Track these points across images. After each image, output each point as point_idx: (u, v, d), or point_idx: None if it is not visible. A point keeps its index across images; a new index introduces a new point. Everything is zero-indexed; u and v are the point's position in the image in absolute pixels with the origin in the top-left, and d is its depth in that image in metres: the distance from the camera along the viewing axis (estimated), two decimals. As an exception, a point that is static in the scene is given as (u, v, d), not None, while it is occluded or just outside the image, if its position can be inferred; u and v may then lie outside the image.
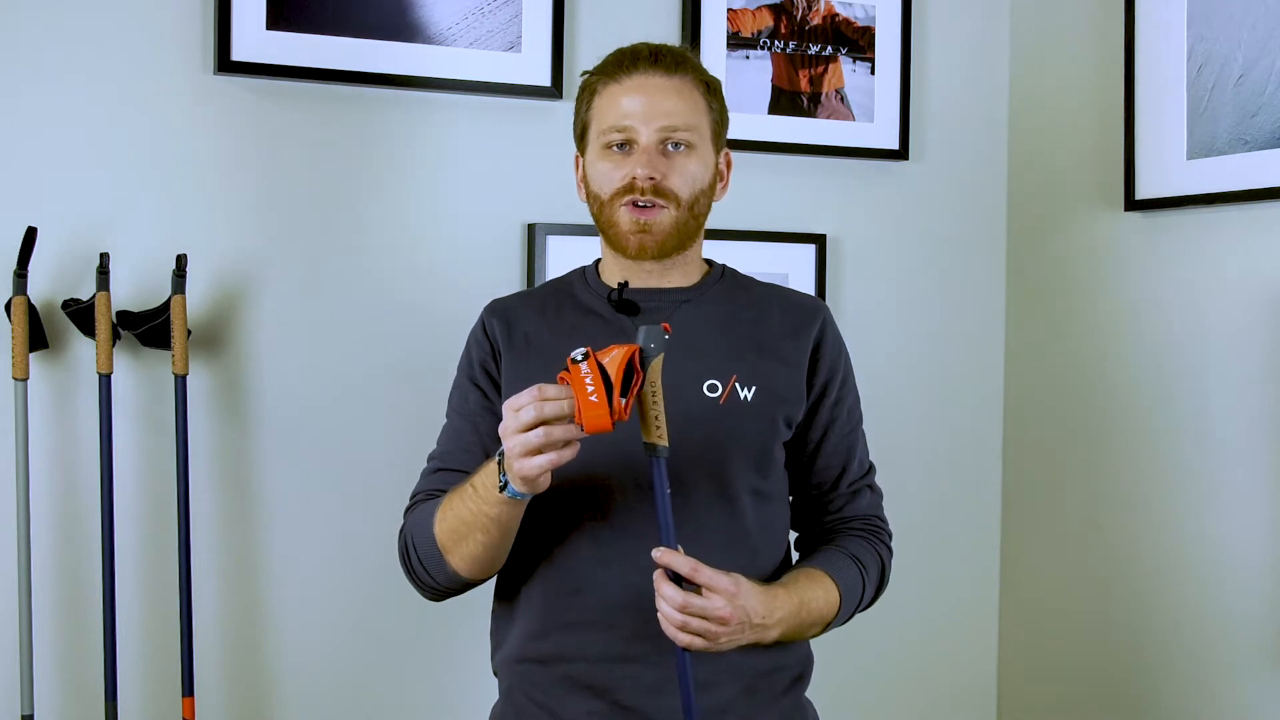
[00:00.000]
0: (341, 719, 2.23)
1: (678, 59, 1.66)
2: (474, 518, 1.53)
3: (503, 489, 1.48)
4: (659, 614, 1.47)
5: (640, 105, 1.63)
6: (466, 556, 1.57)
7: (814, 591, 1.60)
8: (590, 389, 1.40)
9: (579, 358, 1.41)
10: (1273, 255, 2.13)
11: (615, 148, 1.64)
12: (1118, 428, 2.41)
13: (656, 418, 1.45)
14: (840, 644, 2.01)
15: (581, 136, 1.71)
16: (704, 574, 1.46)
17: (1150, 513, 2.35)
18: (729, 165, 1.74)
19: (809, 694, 1.73)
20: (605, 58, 1.69)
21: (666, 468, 1.47)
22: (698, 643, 1.47)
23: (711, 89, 1.68)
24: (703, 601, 1.45)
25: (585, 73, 1.71)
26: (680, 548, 1.47)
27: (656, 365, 1.45)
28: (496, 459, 1.50)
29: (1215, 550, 2.23)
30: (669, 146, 1.63)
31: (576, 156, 1.73)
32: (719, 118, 1.69)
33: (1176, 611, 2.30)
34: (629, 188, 1.62)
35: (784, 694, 1.67)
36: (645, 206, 1.62)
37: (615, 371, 1.41)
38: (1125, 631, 2.40)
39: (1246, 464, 2.17)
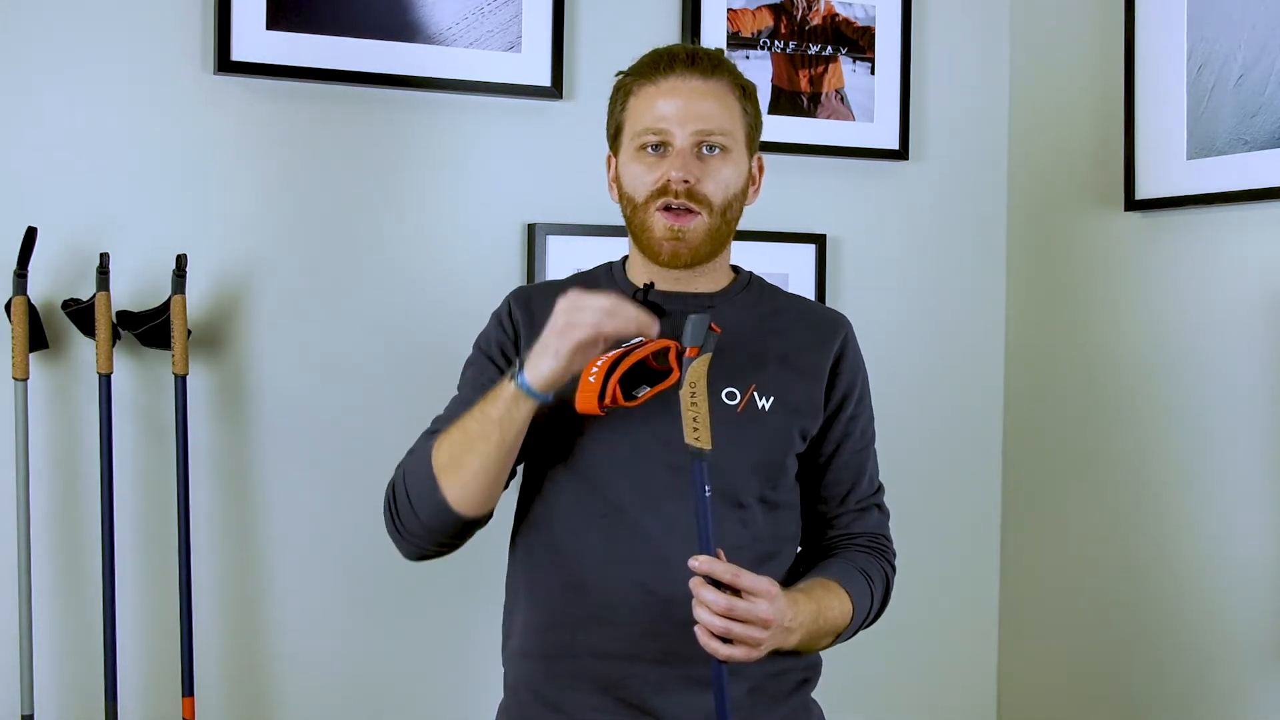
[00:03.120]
0: (342, 719, 2.23)
1: (714, 62, 1.65)
2: (476, 425, 1.51)
3: (512, 378, 1.48)
4: (696, 624, 1.43)
5: (676, 108, 1.61)
6: (464, 477, 1.52)
7: (829, 600, 1.60)
8: (594, 370, 1.41)
9: (623, 344, 1.42)
10: (1273, 255, 2.13)
11: (650, 150, 1.63)
12: (1118, 428, 2.41)
13: (695, 420, 1.42)
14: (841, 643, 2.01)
15: (615, 137, 1.69)
16: (745, 579, 1.44)
17: (1151, 513, 2.35)
18: (761, 169, 1.73)
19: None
20: (640, 58, 1.68)
21: (707, 471, 1.43)
22: (738, 654, 1.44)
23: (747, 93, 1.68)
24: (748, 605, 1.43)
25: (620, 73, 1.69)
26: (721, 552, 1.44)
27: (699, 366, 1.41)
28: (510, 371, 1.51)
29: (1215, 550, 2.23)
30: (704, 150, 1.62)
31: (609, 157, 1.72)
32: (753, 122, 1.69)
33: (1177, 611, 2.30)
34: (663, 190, 1.61)
35: (789, 695, 1.67)
36: (679, 211, 1.61)
37: (627, 362, 1.41)
38: (1125, 631, 2.40)
39: (1247, 464, 2.17)
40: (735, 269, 1.76)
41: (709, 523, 1.43)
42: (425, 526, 1.57)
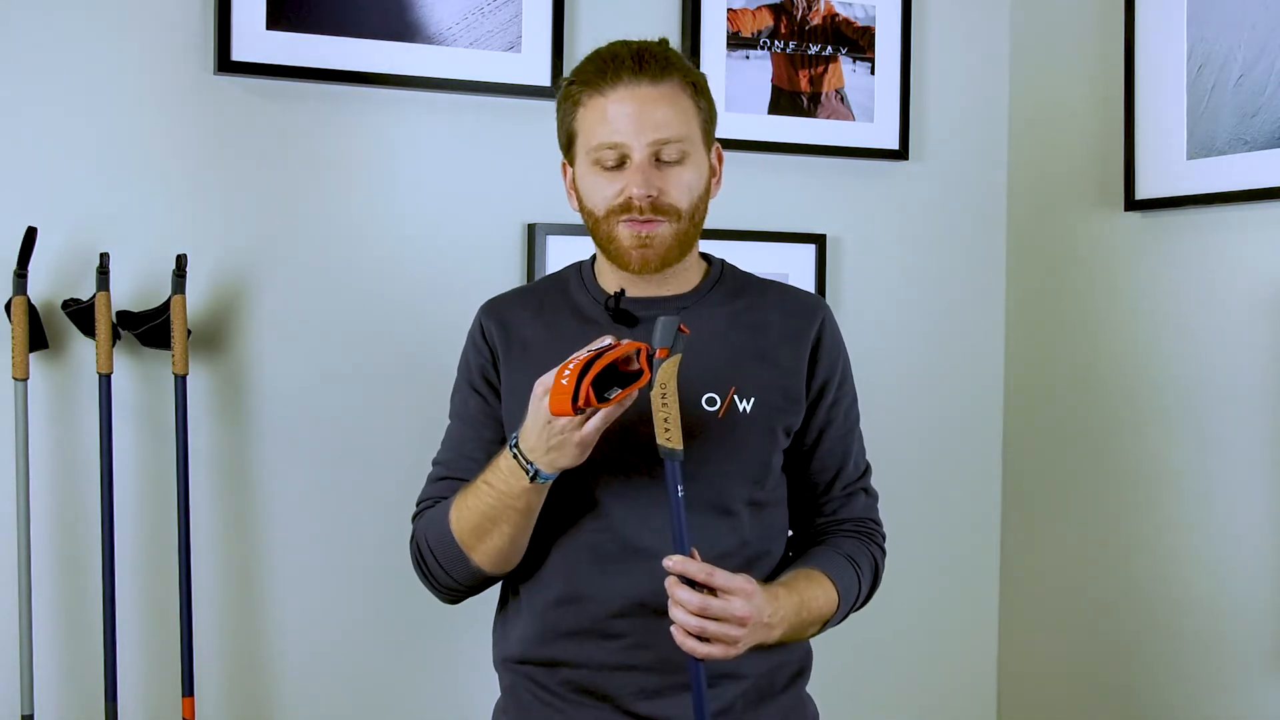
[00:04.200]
0: (342, 719, 2.23)
1: (662, 63, 1.59)
2: (497, 512, 1.53)
3: (533, 478, 1.49)
4: (673, 624, 1.44)
5: (629, 121, 1.56)
6: (491, 551, 1.56)
7: (813, 591, 1.59)
8: (566, 373, 1.41)
9: (595, 345, 1.43)
10: (1273, 255, 2.13)
11: (607, 164, 1.59)
12: (1117, 428, 2.41)
13: (666, 420, 1.42)
14: (840, 643, 2.01)
15: (568, 146, 1.65)
16: (719, 577, 1.44)
17: (1150, 513, 2.35)
18: (720, 160, 1.69)
19: (809, 690, 1.73)
20: (584, 61, 1.62)
21: (680, 471, 1.44)
22: (716, 652, 1.44)
23: (699, 88, 1.63)
24: (721, 603, 1.43)
25: (566, 79, 1.64)
26: (695, 551, 1.45)
27: (669, 367, 1.41)
28: (511, 452, 1.50)
29: (1215, 550, 2.23)
30: (662, 158, 1.58)
31: (564, 165, 1.68)
32: (708, 116, 1.64)
33: (1177, 612, 2.30)
34: (625, 206, 1.58)
35: (784, 690, 1.67)
36: (645, 223, 1.58)
37: (599, 364, 1.41)
38: (1125, 631, 2.40)
39: (1247, 464, 2.17)
40: (706, 259, 1.73)
41: (683, 522, 1.44)
42: (461, 584, 1.62)
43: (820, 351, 1.68)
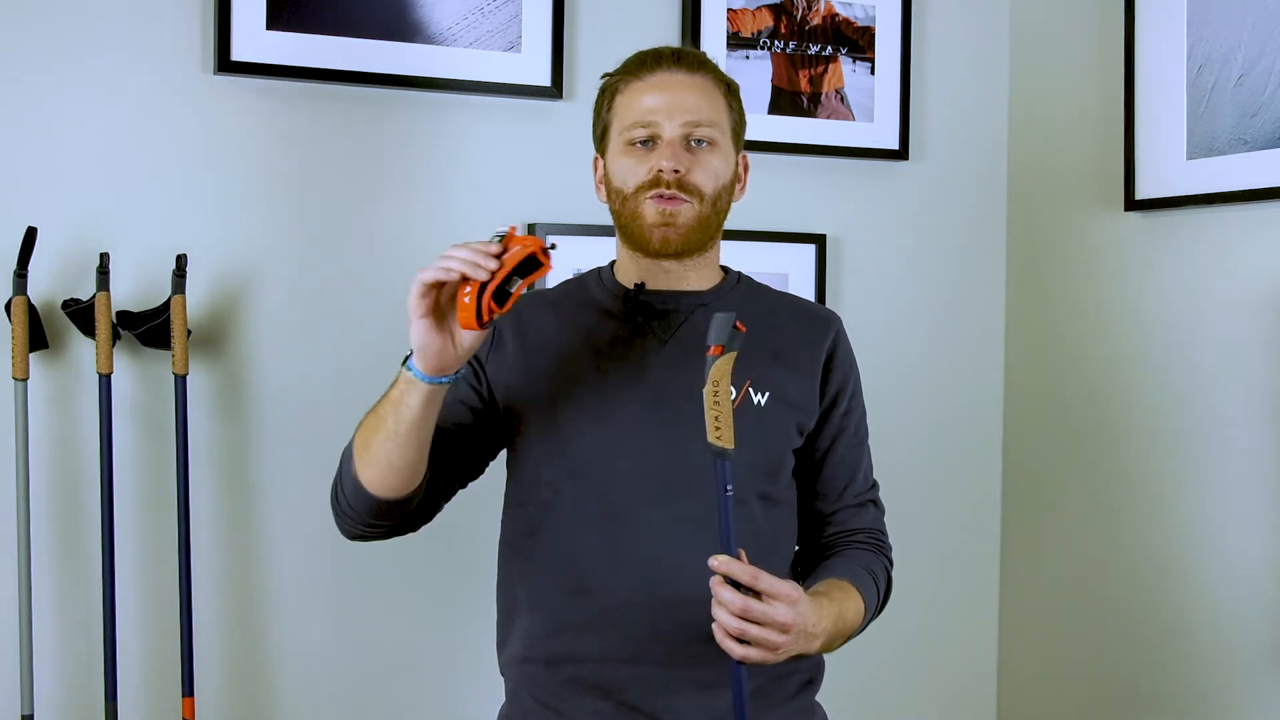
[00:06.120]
0: (341, 719, 2.23)
1: (699, 59, 1.67)
2: (382, 407, 1.52)
3: (404, 361, 1.47)
4: (714, 623, 1.42)
5: (664, 101, 1.62)
6: (370, 458, 1.52)
7: (848, 603, 1.59)
8: (468, 291, 1.40)
9: (496, 236, 1.41)
10: (1273, 255, 2.13)
11: (639, 144, 1.63)
12: (1118, 428, 2.41)
13: (717, 419, 1.41)
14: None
15: (602, 137, 1.70)
16: (765, 580, 1.42)
17: (1151, 514, 2.35)
18: (746, 168, 1.73)
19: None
20: (625, 60, 1.69)
21: (730, 471, 1.42)
22: (754, 654, 1.43)
23: (732, 91, 1.69)
24: (765, 607, 1.41)
25: (605, 75, 1.70)
26: (742, 553, 1.43)
27: (723, 365, 1.40)
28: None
29: (1215, 550, 2.23)
30: (692, 143, 1.63)
31: (595, 158, 1.72)
32: (738, 119, 1.70)
33: (1176, 611, 2.30)
34: (654, 181, 1.61)
35: (793, 697, 1.67)
36: (670, 199, 1.62)
37: (496, 278, 1.40)
38: (1125, 632, 2.40)
39: (1247, 464, 2.17)
40: (724, 269, 1.76)
41: (730, 522, 1.42)
42: (351, 505, 1.57)
43: (834, 361, 1.70)
